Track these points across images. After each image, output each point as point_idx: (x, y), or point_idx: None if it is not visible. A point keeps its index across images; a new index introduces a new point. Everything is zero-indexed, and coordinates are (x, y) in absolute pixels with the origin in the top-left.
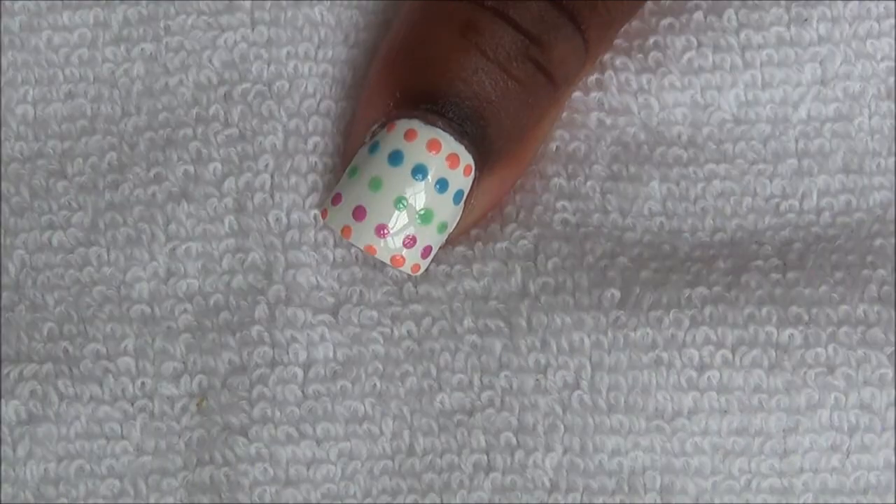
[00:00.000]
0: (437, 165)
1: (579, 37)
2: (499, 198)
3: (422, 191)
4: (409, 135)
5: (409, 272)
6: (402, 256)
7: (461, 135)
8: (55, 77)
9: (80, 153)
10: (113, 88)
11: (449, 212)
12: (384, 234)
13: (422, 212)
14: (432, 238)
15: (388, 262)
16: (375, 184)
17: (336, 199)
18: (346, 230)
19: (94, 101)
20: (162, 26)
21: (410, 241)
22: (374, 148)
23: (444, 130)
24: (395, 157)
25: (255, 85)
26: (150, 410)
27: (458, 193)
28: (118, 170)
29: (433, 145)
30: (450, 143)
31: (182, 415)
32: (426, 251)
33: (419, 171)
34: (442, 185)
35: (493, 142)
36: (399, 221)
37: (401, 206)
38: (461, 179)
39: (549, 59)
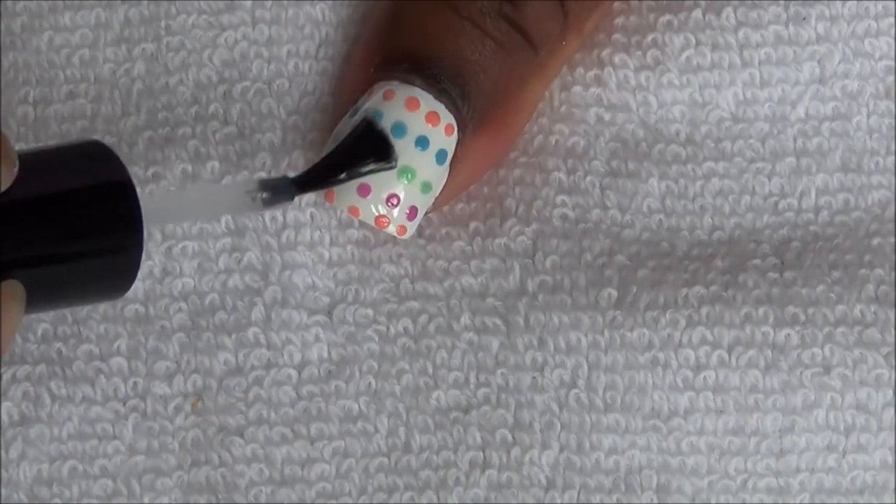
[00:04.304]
0: (416, 123)
1: None
2: (486, 166)
3: (402, 149)
4: (387, 95)
5: (396, 234)
6: (386, 217)
7: (440, 93)
8: (56, 78)
9: None
10: (114, 88)
11: (432, 172)
12: (367, 193)
13: (404, 170)
14: (417, 199)
15: (372, 223)
16: None
17: None
18: (329, 195)
19: (94, 101)
20: (163, 26)
21: (395, 202)
22: (354, 112)
23: (423, 89)
24: (374, 118)
25: (255, 83)
26: (143, 410)
27: (441, 153)
28: None
29: (411, 103)
30: (429, 102)
31: (175, 415)
32: (412, 212)
33: (398, 129)
34: (422, 143)
35: (474, 101)
36: (381, 180)
37: None
38: (443, 139)
39: (522, 16)
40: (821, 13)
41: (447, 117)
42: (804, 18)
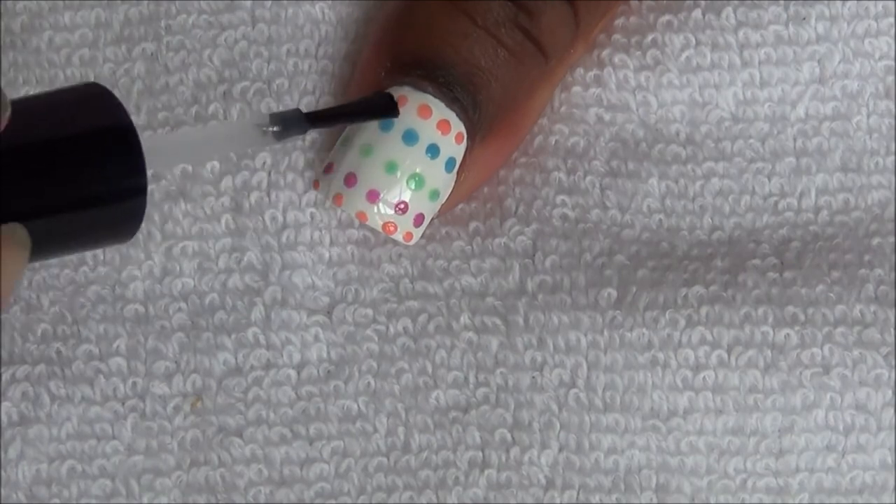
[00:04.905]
0: (428, 131)
1: (567, 6)
2: (491, 171)
3: (413, 156)
4: (400, 101)
5: (402, 240)
6: (394, 223)
7: (452, 101)
8: (56, 77)
9: None
10: (113, 88)
11: (441, 179)
12: (375, 199)
13: (413, 177)
14: (424, 206)
15: (379, 228)
16: (366, 150)
17: (328, 169)
18: (337, 198)
19: None
20: (163, 25)
21: (402, 208)
22: None
23: (435, 97)
24: (386, 124)
25: (255, 83)
26: (141, 410)
27: (450, 161)
28: None
29: (424, 111)
30: (441, 110)
31: (175, 415)
32: (418, 219)
33: (410, 137)
34: (433, 151)
35: (485, 110)
36: (390, 187)
37: (392, 171)
38: (453, 147)
39: (537, 26)
40: (821, 13)
41: (458, 125)
42: (804, 18)
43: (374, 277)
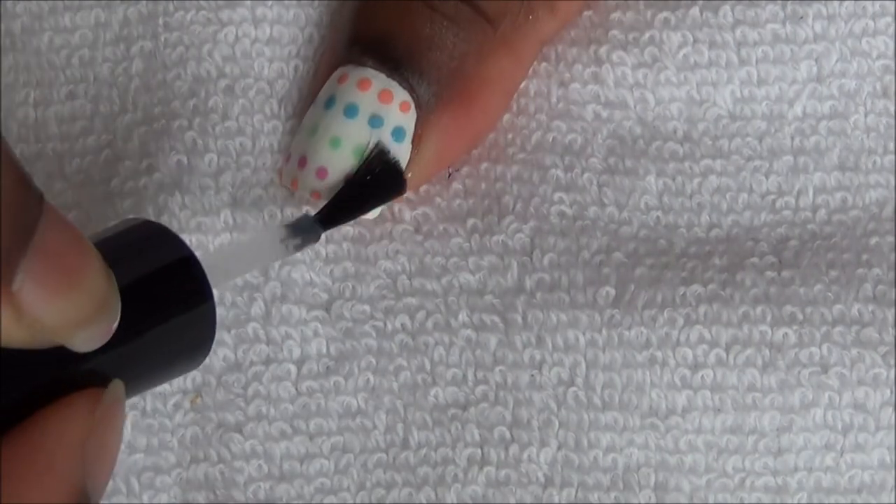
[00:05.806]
0: (367, 102)
1: None
2: (457, 143)
3: (355, 128)
4: (342, 79)
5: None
6: None
7: (393, 71)
8: (56, 78)
9: (77, 153)
10: (112, 87)
11: (390, 150)
12: (324, 175)
13: (358, 149)
14: None
15: None
16: (312, 130)
17: (286, 159)
18: (293, 183)
19: (93, 100)
20: (160, 23)
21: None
22: (317, 103)
23: (375, 69)
24: (329, 102)
25: (258, 82)
26: (142, 408)
27: (398, 131)
28: (113, 164)
29: (363, 84)
30: (381, 80)
31: (175, 412)
32: None
33: (350, 110)
34: (376, 122)
35: (429, 76)
36: (336, 161)
37: (336, 146)
38: (398, 116)
39: None
40: (818, 12)
41: (401, 95)
42: (801, 17)
43: (371, 274)
